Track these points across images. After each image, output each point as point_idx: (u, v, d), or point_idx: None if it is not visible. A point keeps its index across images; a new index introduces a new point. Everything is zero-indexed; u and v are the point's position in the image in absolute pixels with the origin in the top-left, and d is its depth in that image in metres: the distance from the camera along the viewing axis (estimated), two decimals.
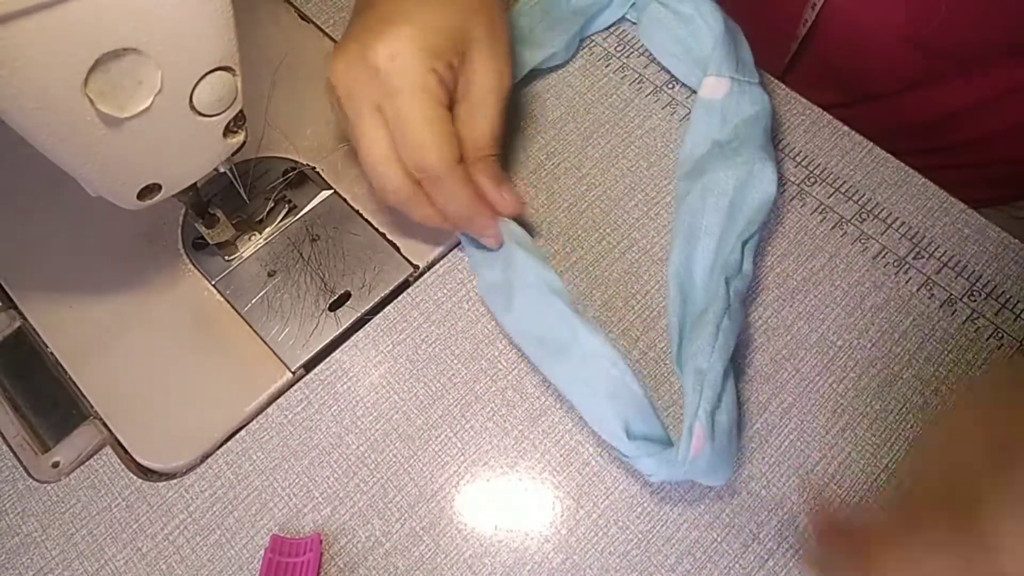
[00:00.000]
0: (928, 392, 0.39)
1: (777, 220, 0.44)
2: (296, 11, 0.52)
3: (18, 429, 0.40)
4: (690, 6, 0.46)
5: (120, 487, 0.38)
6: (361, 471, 0.38)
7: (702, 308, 0.39)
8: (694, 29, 0.45)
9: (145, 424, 0.39)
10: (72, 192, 0.36)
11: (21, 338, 0.42)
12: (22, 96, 0.27)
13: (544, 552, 0.36)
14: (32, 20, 0.25)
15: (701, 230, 0.40)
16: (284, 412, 0.40)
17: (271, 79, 0.49)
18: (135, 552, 0.37)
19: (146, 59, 0.29)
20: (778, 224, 0.44)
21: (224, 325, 0.42)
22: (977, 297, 0.41)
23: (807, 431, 0.38)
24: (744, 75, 0.44)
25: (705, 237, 0.40)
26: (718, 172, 0.41)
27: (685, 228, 0.41)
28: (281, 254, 0.44)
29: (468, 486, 0.38)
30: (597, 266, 0.43)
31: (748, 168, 0.41)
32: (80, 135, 0.30)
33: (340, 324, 0.41)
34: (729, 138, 0.43)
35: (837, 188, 0.44)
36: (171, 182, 0.35)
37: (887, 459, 0.38)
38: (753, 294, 0.42)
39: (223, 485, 0.38)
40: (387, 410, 0.40)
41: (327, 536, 0.37)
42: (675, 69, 0.48)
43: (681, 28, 0.46)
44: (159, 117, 0.31)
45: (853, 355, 0.40)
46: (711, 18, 0.45)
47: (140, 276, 0.43)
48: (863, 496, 0.37)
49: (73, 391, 0.40)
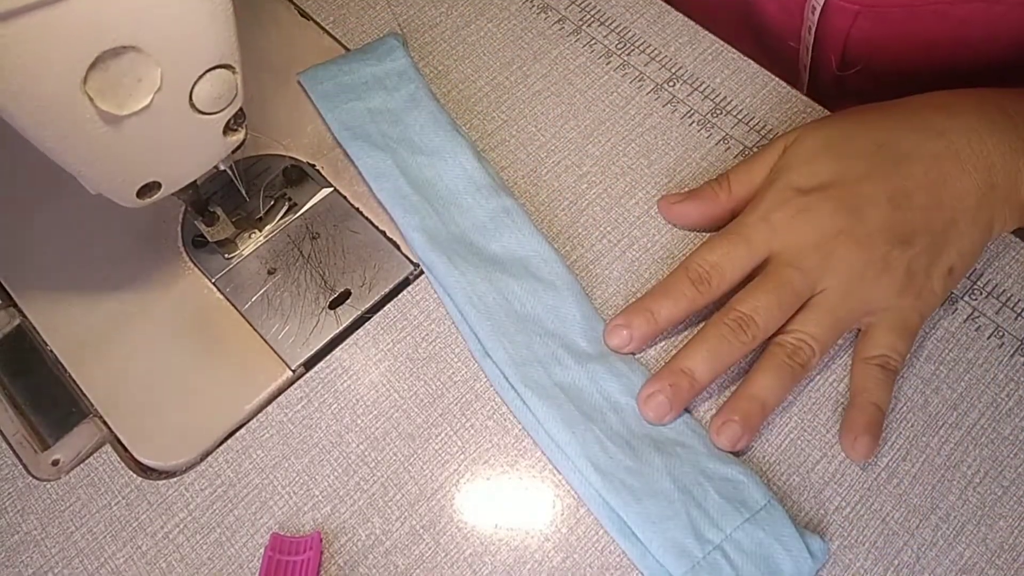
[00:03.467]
0: (928, 391, 0.39)
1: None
2: (296, 9, 0.52)
3: (18, 427, 0.40)
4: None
5: (120, 485, 0.38)
6: (361, 469, 0.38)
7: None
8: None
9: (145, 422, 0.39)
10: (72, 191, 0.35)
11: (21, 336, 0.42)
12: (22, 95, 0.27)
13: (544, 551, 0.36)
14: (32, 18, 0.25)
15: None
16: (284, 410, 0.40)
17: (271, 77, 0.49)
18: (135, 550, 0.37)
19: (146, 57, 0.29)
20: None
21: (224, 323, 0.42)
22: (978, 296, 0.41)
23: (807, 431, 0.38)
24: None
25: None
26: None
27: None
28: (281, 252, 0.43)
29: (468, 484, 0.38)
30: (597, 264, 0.43)
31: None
32: (80, 133, 0.29)
33: (340, 322, 0.41)
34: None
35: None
36: (171, 180, 0.35)
37: (887, 459, 0.38)
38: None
39: (223, 483, 0.38)
40: (387, 408, 0.40)
41: (327, 534, 0.37)
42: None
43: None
44: (159, 115, 0.31)
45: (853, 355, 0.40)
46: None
47: (140, 274, 0.43)
48: (863, 496, 0.37)
49: (73, 389, 0.40)
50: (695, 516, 0.34)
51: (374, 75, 0.46)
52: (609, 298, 0.42)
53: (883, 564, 0.36)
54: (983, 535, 0.36)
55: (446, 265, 0.40)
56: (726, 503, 0.35)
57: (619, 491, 0.35)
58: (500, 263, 0.41)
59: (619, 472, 0.36)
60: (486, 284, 0.40)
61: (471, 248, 0.41)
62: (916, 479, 0.37)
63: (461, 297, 0.40)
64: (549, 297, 0.40)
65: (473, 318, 0.39)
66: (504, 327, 0.39)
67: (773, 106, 0.47)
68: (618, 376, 0.38)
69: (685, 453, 0.36)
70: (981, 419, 0.38)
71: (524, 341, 0.39)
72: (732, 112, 0.47)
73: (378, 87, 0.46)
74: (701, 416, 0.39)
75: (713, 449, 0.37)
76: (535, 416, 0.37)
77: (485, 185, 0.43)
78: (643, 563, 0.35)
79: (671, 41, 0.49)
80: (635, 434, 0.37)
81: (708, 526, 0.34)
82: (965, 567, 0.35)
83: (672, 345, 0.40)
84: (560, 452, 0.37)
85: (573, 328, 0.40)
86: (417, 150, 0.44)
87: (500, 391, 0.39)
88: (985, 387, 0.39)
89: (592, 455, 0.36)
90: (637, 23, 0.50)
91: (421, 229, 0.41)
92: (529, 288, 0.40)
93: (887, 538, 0.36)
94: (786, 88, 0.48)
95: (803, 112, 0.47)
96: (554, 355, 0.39)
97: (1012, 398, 0.39)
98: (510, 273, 0.41)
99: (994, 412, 0.38)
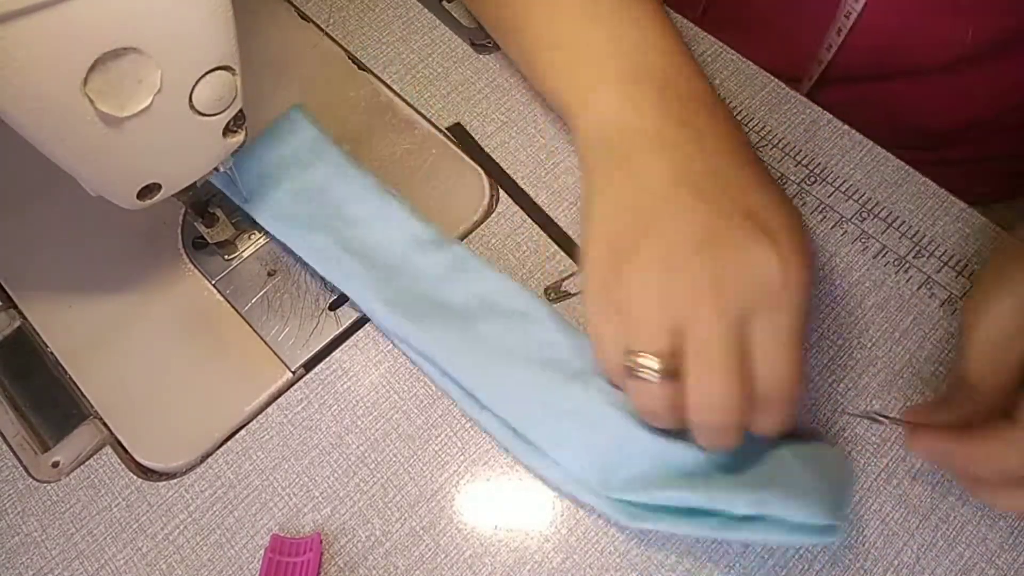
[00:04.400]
0: (928, 392, 0.39)
1: None
2: (296, 10, 0.52)
3: (18, 428, 0.40)
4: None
5: (120, 487, 0.38)
6: (361, 471, 0.38)
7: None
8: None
9: (145, 424, 0.39)
10: (72, 192, 0.36)
11: (21, 337, 0.42)
12: (22, 96, 0.27)
13: (544, 552, 0.36)
14: (32, 20, 0.25)
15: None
16: (284, 412, 0.40)
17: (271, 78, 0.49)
18: (135, 552, 0.37)
19: (146, 58, 0.29)
20: None
21: (224, 325, 0.42)
22: None
23: (807, 431, 0.38)
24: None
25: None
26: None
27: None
28: (281, 253, 0.43)
29: (468, 485, 0.38)
30: None
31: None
32: (80, 135, 0.30)
33: (340, 323, 0.41)
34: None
35: (837, 187, 0.44)
36: (171, 182, 0.35)
37: (887, 459, 0.38)
38: None
39: (223, 485, 0.38)
40: (387, 409, 0.40)
41: (327, 536, 0.37)
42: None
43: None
44: (159, 117, 0.31)
45: (853, 355, 0.40)
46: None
47: (140, 276, 0.43)
48: (863, 496, 0.37)
49: (73, 390, 0.40)
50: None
51: (285, 155, 0.43)
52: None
53: (883, 564, 0.36)
54: (983, 535, 0.36)
55: (416, 330, 0.39)
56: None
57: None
58: (468, 311, 0.40)
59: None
60: (460, 336, 0.39)
61: (434, 306, 0.40)
62: (916, 479, 0.37)
63: (441, 358, 0.38)
64: (526, 328, 0.39)
65: (466, 382, 0.38)
66: (492, 373, 0.38)
67: (772, 107, 0.47)
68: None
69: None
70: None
71: (517, 380, 0.37)
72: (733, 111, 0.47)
73: (294, 166, 0.43)
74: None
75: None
76: (535, 445, 0.37)
77: (430, 240, 0.41)
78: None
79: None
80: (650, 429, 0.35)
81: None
82: (965, 567, 0.35)
83: None
84: (570, 480, 0.36)
85: (561, 351, 0.38)
86: (353, 222, 0.42)
87: (500, 439, 0.38)
88: None
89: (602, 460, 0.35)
90: None
91: (381, 301, 0.39)
92: (505, 326, 0.39)
93: (887, 538, 0.36)
94: (784, 89, 0.48)
95: (801, 113, 0.47)
96: (550, 381, 0.37)
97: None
98: (481, 318, 0.39)
99: None
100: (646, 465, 0.35)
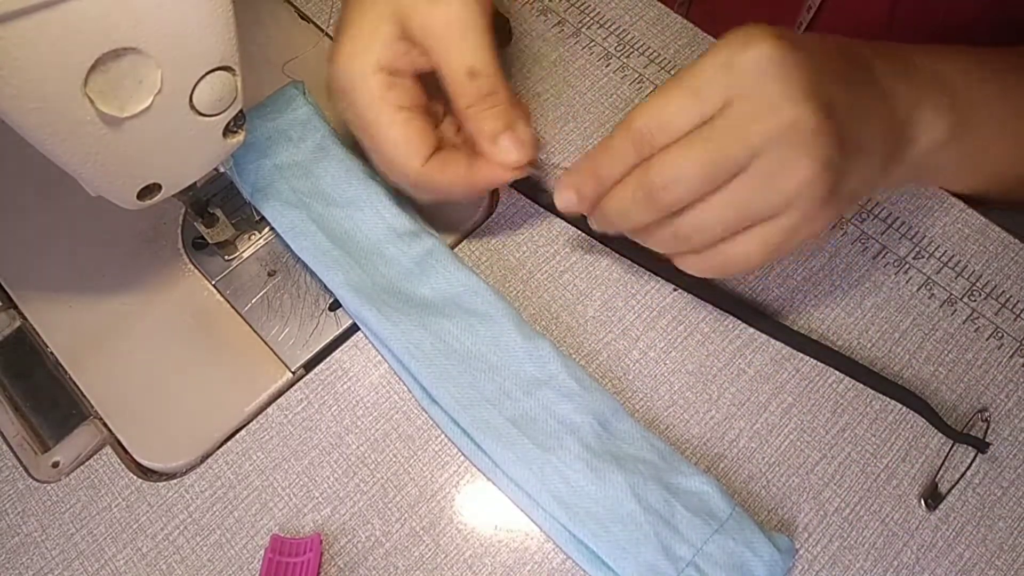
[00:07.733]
0: (928, 392, 0.39)
1: None
2: (296, 10, 0.52)
3: (18, 429, 0.40)
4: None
5: (120, 487, 0.38)
6: (361, 471, 0.38)
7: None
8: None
9: (145, 424, 0.39)
10: (72, 192, 0.35)
11: (21, 338, 0.42)
12: (22, 96, 0.27)
13: (544, 552, 0.36)
14: (32, 20, 0.25)
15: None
16: (284, 412, 0.40)
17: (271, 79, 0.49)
18: (135, 552, 0.37)
19: (146, 59, 0.29)
20: None
21: (224, 325, 0.42)
22: (977, 297, 0.41)
23: (807, 431, 0.38)
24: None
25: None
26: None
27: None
28: (281, 253, 0.44)
29: (468, 486, 0.38)
30: (596, 266, 0.43)
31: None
32: (80, 135, 0.30)
33: (340, 324, 0.41)
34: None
35: None
36: (171, 182, 0.35)
37: (887, 459, 0.38)
38: (754, 293, 0.42)
39: (223, 485, 0.38)
40: (387, 410, 0.40)
41: (327, 536, 0.37)
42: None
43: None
44: (159, 117, 0.31)
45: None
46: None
47: (140, 276, 0.43)
48: (863, 496, 0.37)
49: (73, 391, 0.40)
50: (665, 535, 0.34)
51: (276, 128, 0.44)
52: (609, 299, 0.42)
53: (883, 564, 0.36)
54: (983, 535, 0.36)
55: (377, 317, 0.39)
56: (694, 516, 0.34)
57: (585, 522, 0.35)
58: (432, 306, 0.40)
59: (584, 502, 0.35)
60: (421, 330, 0.39)
61: (400, 296, 0.40)
62: (916, 479, 0.37)
63: (399, 348, 0.39)
64: (485, 329, 0.39)
65: (414, 367, 0.38)
66: (446, 371, 0.38)
67: None
68: (570, 397, 0.37)
69: (647, 469, 0.36)
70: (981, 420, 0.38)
71: (469, 381, 0.38)
72: None
73: (282, 140, 0.44)
74: (658, 427, 0.39)
75: (674, 462, 0.36)
76: (491, 459, 0.37)
77: (406, 231, 0.42)
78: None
79: (670, 43, 0.50)
80: (595, 453, 0.36)
81: (679, 543, 0.34)
82: (965, 567, 0.35)
83: (662, 340, 0.40)
84: (521, 492, 0.36)
85: (516, 355, 0.39)
86: (331, 203, 0.42)
87: (451, 436, 0.38)
88: (984, 388, 0.39)
89: (554, 489, 0.35)
90: (636, 25, 0.50)
91: (347, 285, 0.40)
92: (465, 325, 0.39)
93: (887, 539, 0.36)
94: None
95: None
96: (501, 389, 0.38)
97: (1011, 399, 0.39)
98: (443, 314, 0.39)
99: (994, 413, 0.38)
100: (582, 481, 0.36)
